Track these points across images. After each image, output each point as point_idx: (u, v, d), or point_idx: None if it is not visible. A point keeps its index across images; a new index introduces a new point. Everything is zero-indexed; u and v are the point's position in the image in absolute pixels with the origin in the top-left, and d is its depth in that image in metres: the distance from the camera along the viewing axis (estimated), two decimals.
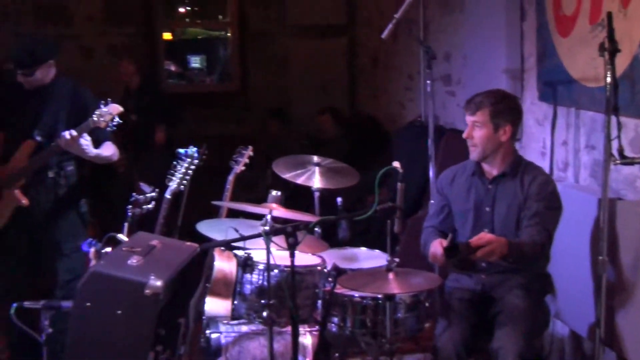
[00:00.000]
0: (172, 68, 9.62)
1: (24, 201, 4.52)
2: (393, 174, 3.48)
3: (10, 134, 4.69)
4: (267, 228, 3.63)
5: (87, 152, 4.39)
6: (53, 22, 8.15)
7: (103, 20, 8.42)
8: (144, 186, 4.22)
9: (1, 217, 4.62)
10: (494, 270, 3.86)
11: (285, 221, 3.86)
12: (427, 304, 3.83)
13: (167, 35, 9.39)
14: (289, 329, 3.58)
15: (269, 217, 3.88)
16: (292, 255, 3.41)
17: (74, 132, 4.28)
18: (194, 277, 4.13)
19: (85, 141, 4.35)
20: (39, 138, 4.55)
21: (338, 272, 3.87)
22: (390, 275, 3.45)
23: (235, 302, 4.04)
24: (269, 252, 3.53)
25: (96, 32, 8.30)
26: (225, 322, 4.07)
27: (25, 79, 4.52)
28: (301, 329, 3.84)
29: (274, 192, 4.15)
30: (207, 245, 3.87)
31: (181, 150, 4.41)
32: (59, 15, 8.27)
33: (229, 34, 9.14)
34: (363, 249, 4.45)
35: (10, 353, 4.73)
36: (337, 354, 4.04)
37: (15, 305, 3.22)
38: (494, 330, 3.66)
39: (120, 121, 4.40)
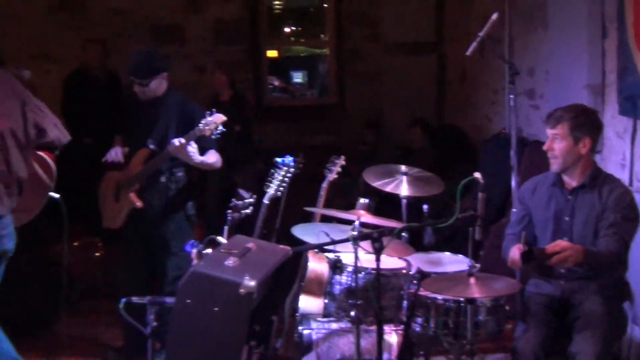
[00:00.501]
0: (276, 83, 9.68)
1: (139, 203, 4.60)
2: (475, 184, 3.41)
3: (129, 143, 4.79)
4: (355, 233, 3.60)
5: (194, 158, 4.43)
6: (169, 41, 8.31)
7: (213, 40, 8.54)
8: (243, 192, 4.23)
9: (119, 218, 4.73)
10: (573, 276, 3.74)
11: (373, 227, 3.81)
12: (507, 308, 3.72)
13: (272, 53, 9.45)
14: (375, 327, 3.52)
15: (357, 223, 3.83)
16: (378, 259, 3.38)
17: (183, 140, 4.33)
18: (287, 277, 4.12)
19: (192, 148, 4.39)
20: (152, 146, 4.63)
21: (422, 275, 3.80)
22: (472, 280, 3.38)
23: (326, 300, 4.02)
24: (356, 256, 3.51)
25: (206, 50, 8.42)
26: (316, 319, 4.05)
27: (141, 89, 4.59)
28: (387, 328, 3.79)
29: (362, 200, 4.11)
30: (300, 249, 3.85)
31: (279, 159, 4.40)
32: (174, 35, 8.44)
33: (328, 51, 9.15)
34: (447, 253, 4.36)
35: (124, 342, 4.83)
36: (421, 353, 3.96)
37: (124, 300, 3.26)
38: (572, 334, 3.55)
39: (224, 129, 4.43)
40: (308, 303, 4.21)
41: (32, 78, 6.08)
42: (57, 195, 3.78)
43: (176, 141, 4.35)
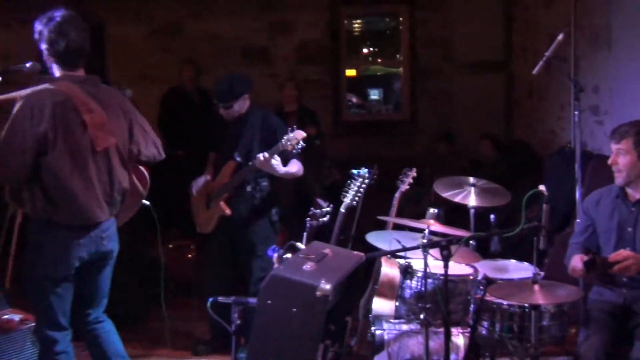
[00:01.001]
0: (354, 100, 9.64)
1: (227, 211, 4.65)
2: (540, 196, 3.31)
3: (217, 156, 4.85)
4: (425, 241, 3.55)
5: (277, 170, 4.45)
6: (256, 62, 8.40)
7: (297, 60, 8.59)
8: (321, 202, 4.21)
9: (210, 224, 4.79)
10: (635, 285, 3.62)
11: (442, 235, 3.75)
12: (570, 314, 3.61)
13: (350, 72, 9.43)
14: (443, 329, 3.46)
15: (427, 231, 3.76)
16: (446, 266, 3.32)
17: (267, 154, 4.35)
18: (361, 281, 4.08)
19: (276, 161, 4.41)
20: (238, 159, 4.66)
21: (488, 281, 3.73)
22: (536, 287, 3.29)
23: (397, 303, 3.97)
24: (426, 263, 3.46)
25: (290, 70, 8.46)
26: (388, 320, 4.01)
27: (225, 111, 4.65)
28: (454, 330, 3.72)
29: (431, 210, 4.05)
30: (373, 255, 3.80)
31: (354, 171, 4.37)
32: (261, 56, 8.52)
33: (402, 70, 9.08)
34: (513, 261, 4.24)
35: (211, 337, 4.87)
36: (487, 354, 3.88)
37: (211, 299, 3.29)
38: (633, 341, 3.45)
39: (305, 145, 4.42)
40: (381, 305, 4.17)
41: (134, 96, 6.24)
42: (147, 203, 3.84)
43: (261, 156, 4.37)
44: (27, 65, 3.46)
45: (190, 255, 6.38)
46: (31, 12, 3.68)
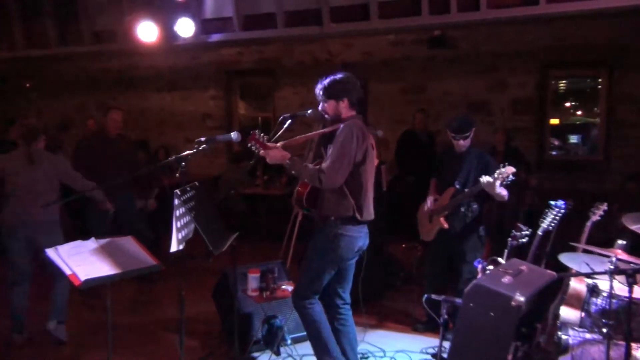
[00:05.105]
0: (556, 142, 8.82)
1: (446, 225, 4.43)
2: None
3: (441, 182, 4.63)
4: (612, 267, 3.03)
5: (496, 191, 4.09)
6: (478, 111, 8.03)
7: (510, 111, 8.04)
8: (521, 226, 3.81)
9: (431, 234, 4.60)
10: None
11: (629, 263, 3.18)
12: None
13: (554, 121, 8.69)
14: (624, 342, 2.92)
15: (614, 259, 3.22)
16: (630, 292, 2.78)
17: (490, 179, 4.05)
18: (552, 294, 3.61)
19: (497, 187, 4.09)
20: (457, 186, 4.42)
21: None
22: None
23: (582, 315, 3.45)
24: (611, 286, 2.95)
25: (504, 119, 7.96)
26: (574, 328, 3.50)
27: (457, 142, 4.42)
28: (634, 345, 3.11)
29: (619, 241, 3.46)
30: (564, 275, 3.35)
31: (552, 202, 3.90)
32: (483, 107, 8.11)
33: (599, 120, 8.14)
34: None
35: (427, 319, 4.65)
36: None
37: (426, 296, 3.10)
38: None
39: (514, 178, 4.05)
40: (567, 313, 3.65)
41: (384, 135, 6.23)
42: None
43: (486, 179, 4.07)
44: (309, 112, 3.54)
45: (418, 254, 6.22)
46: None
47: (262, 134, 3.34)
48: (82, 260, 3.18)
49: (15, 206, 4.34)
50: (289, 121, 3.45)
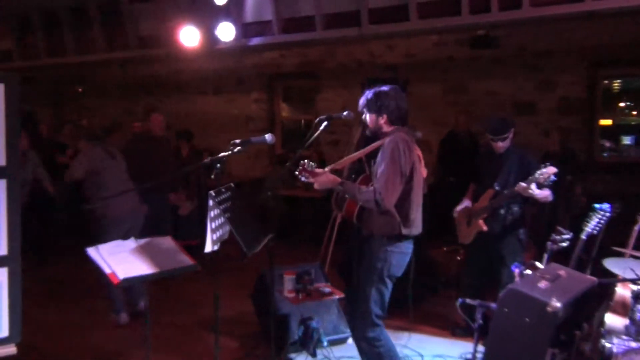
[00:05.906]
0: (607, 144, 8.51)
1: (485, 228, 4.35)
2: None
3: (480, 184, 4.54)
4: None
5: (534, 195, 4.03)
6: (525, 113, 7.82)
7: (557, 112, 7.78)
8: (562, 229, 3.69)
9: (469, 237, 4.53)
10: None
11: None
12: None
13: (605, 122, 8.37)
14: None
15: None
16: None
17: (525, 184, 3.99)
18: (597, 301, 3.47)
19: (531, 188, 4.00)
20: (497, 187, 4.34)
21: None
22: None
23: (628, 322, 3.31)
24: None
25: (552, 120, 7.73)
26: (619, 336, 3.35)
27: (496, 144, 4.33)
28: None
29: None
30: (606, 281, 3.21)
31: (597, 205, 3.76)
32: (529, 108, 7.89)
33: None
34: None
35: (465, 324, 4.55)
36: None
37: (460, 300, 3.04)
38: None
39: (555, 179, 3.94)
40: (613, 320, 3.49)
41: (423, 137, 6.16)
42: None
43: (522, 184, 4.01)
44: (344, 113, 3.52)
45: (458, 257, 6.11)
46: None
47: (311, 163, 3.36)
48: (121, 259, 3.26)
49: (119, 199, 4.86)
50: (325, 123, 3.45)
